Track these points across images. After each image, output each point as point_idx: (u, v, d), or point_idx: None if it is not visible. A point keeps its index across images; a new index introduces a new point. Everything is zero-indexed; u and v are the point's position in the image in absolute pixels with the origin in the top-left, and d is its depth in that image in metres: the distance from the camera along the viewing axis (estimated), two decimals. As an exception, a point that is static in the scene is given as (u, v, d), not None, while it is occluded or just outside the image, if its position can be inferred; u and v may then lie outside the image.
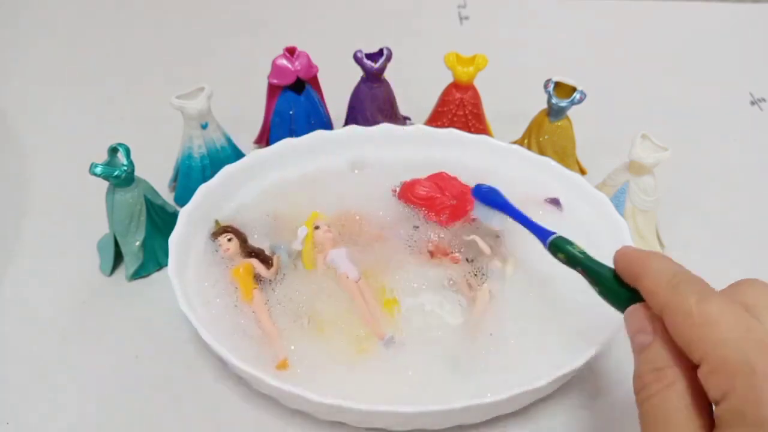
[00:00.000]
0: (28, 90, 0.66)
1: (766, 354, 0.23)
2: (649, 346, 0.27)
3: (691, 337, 0.25)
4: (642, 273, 0.28)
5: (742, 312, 0.25)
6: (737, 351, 0.23)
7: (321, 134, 0.50)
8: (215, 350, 0.36)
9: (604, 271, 0.32)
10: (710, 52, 0.73)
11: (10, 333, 0.43)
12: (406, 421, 0.35)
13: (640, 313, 0.28)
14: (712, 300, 0.25)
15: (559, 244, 0.34)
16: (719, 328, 0.24)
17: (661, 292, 0.27)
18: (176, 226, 0.42)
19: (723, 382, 0.23)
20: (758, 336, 0.24)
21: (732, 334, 0.24)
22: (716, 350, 0.24)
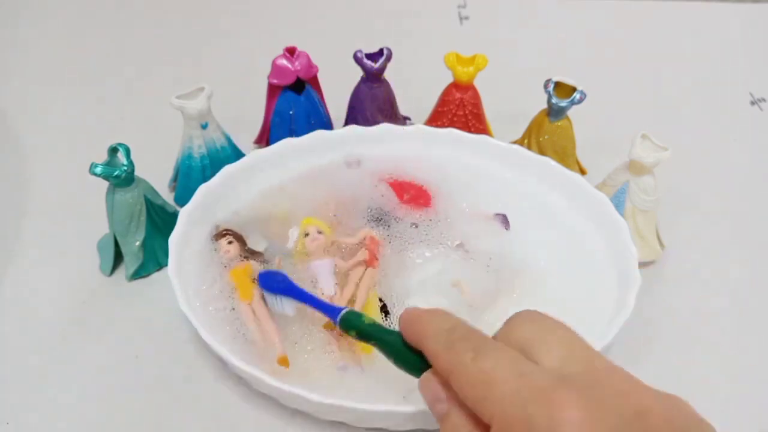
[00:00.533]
0: (28, 90, 0.66)
1: (542, 403, 0.23)
2: (447, 414, 0.26)
3: (476, 399, 0.24)
4: (423, 334, 0.28)
5: (515, 358, 0.25)
6: (516, 407, 0.23)
7: (321, 134, 0.50)
8: (215, 350, 0.36)
9: (393, 338, 0.30)
10: (710, 52, 0.73)
11: (10, 333, 0.43)
12: (406, 421, 0.35)
13: (433, 382, 0.27)
14: (486, 355, 0.25)
15: (350, 319, 0.33)
16: (496, 384, 0.24)
17: (441, 354, 0.27)
18: (176, 226, 0.42)
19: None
20: (532, 383, 0.23)
21: (508, 387, 0.24)
22: (498, 409, 0.23)
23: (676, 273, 0.48)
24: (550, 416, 0.22)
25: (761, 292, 0.47)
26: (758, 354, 0.43)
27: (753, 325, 0.45)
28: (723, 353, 0.43)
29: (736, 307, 0.46)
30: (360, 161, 0.49)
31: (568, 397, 0.22)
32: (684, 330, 0.44)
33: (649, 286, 0.43)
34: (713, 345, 0.43)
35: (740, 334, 0.44)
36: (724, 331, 0.44)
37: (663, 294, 0.46)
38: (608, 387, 0.24)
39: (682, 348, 0.43)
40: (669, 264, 0.48)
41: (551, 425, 0.22)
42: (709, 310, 0.45)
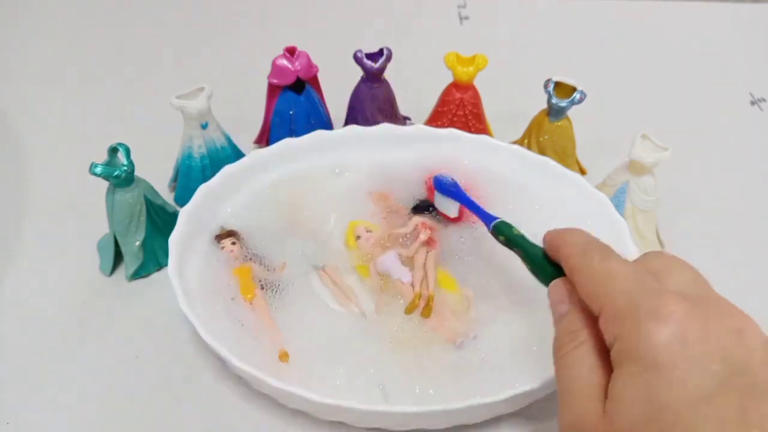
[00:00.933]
0: (28, 90, 0.66)
1: (653, 297, 0.25)
2: (566, 314, 0.29)
3: (592, 291, 0.27)
4: (561, 244, 0.31)
5: (637, 268, 0.27)
6: (628, 297, 0.25)
7: (321, 134, 0.50)
8: (215, 350, 0.36)
9: (536, 250, 0.34)
10: (710, 52, 0.73)
11: (10, 333, 0.43)
12: (406, 421, 0.35)
13: (561, 286, 0.30)
14: (612, 259, 0.28)
15: (501, 228, 0.38)
16: (615, 281, 0.26)
17: (572, 257, 0.30)
18: (176, 226, 0.42)
19: (614, 326, 0.25)
20: (648, 286, 0.26)
21: (625, 284, 0.26)
22: (610, 300, 0.26)
23: (676, 273, 0.48)
24: (655, 307, 0.24)
25: (761, 292, 0.47)
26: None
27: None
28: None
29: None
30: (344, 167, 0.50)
31: (676, 298, 0.24)
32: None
33: (649, 286, 0.43)
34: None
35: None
36: (724, 331, 0.44)
37: (663, 294, 0.46)
38: (717, 306, 0.26)
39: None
40: (669, 264, 0.48)
41: (655, 314, 0.24)
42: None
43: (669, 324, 0.24)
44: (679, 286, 0.26)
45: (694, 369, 0.23)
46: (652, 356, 0.23)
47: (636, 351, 0.24)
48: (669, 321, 0.24)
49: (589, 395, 0.25)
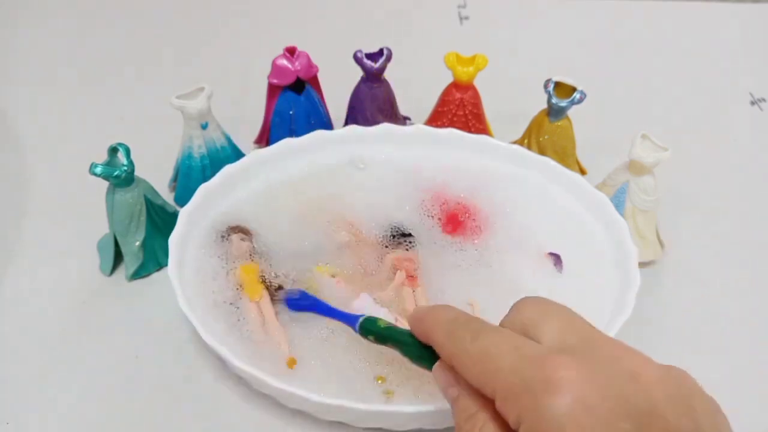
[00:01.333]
0: (28, 90, 0.66)
1: (538, 367, 0.23)
2: (457, 398, 0.27)
3: (478, 377, 0.26)
4: (429, 328, 0.29)
5: (511, 336, 0.26)
6: (514, 374, 0.24)
7: (321, 134, 0.50)
8: (215, 350, 0.36)
9: (407, 338, 0.32)
10: (710, 52, 0.73)
11: (10, 333, 0.43)
12: (406, 421, 0.35)
13: (443, 370, 0.29)
14: (483, 335, 0.26)
15: (367, 326, 0.35)
16: (494, 359, 0.25)
17: (445, 344, 0.28)
18: (176, 226, 0.42)
19: (513, 408, 0.24)
20: (528, 353, 0.25)
21: (506, 360, 0.25)
22: (498, 381, 0.25)
23: (676, 273, 0.48)
24: (546, 378, 0.23)
25: (761, 291, 0.47)
26: (759, 354, 0.43)
27: (753, 324, 0.45)
28: (723, 353, 0.43)
29: (736, 306, 0.46)
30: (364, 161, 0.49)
31: (562, 360, 0.23)
32: (684, 330, 0.44)
33: (649, 286, 0.43)
34: (713, 345, 0.43)
35: (740, 334, 0.44)
36: (724, 331, 0.44)
37: (663, 294, 0.46)
38: (603, 352, 0.25)
39: (682, 348, 0.43)
40: (669, 264, 0.48)
41: (548, 385, 0.23)
42: (709, 310, 0.45)
43: (564, 392, 0.22)
44: (557, 336, 0.26)
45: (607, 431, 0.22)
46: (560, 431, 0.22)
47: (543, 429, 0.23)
48: (563, 389, 0.22)
49: None
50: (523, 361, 0.24)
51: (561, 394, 0.22)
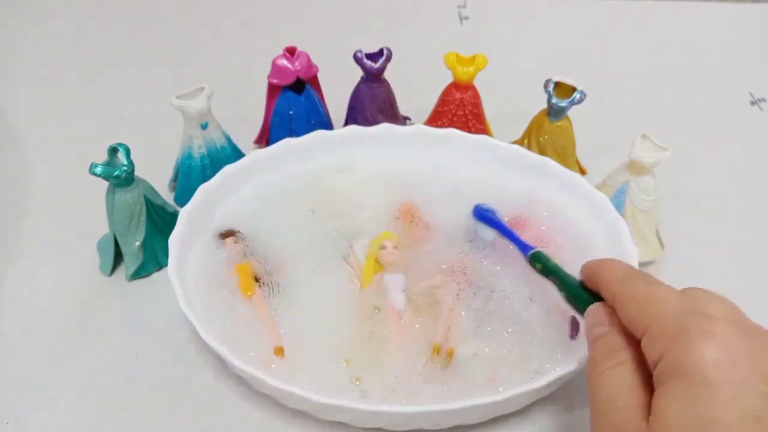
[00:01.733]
0: (28, 90, 0.66)
1: (701, 319, 0.25)
2: (605, 335, 0.29)
3: (637, 314, 0.28)
4: (600, 271, 0.32)
5: (681, 293, 0.28)
6: (674, 318, 0.26)
7: (321, 134, 0.50)
8: (215, 350, 0.36)
9: (571, 279, 0.35)
10: (710, 52, 0.73)
11: (10, 333, 0.43)
12: (406, 421, 0.35)
13: (599, 310, 0.31)
14: (656, 284, 0.29)
15: (538, 257, 0.39)
16: (663, 303, 0.27)
17: (614, 283, 0.30)
18: (176, 226, 0.42)
19: (661, 344, 0.26)
20: (696, 308, 0.26)
21: (673, 306, 0.27)
22: (656, 321, 0.26)
23: (676, 273, 0.48)
24: (705, 329, 0.25)
25: (761, 292, 0.47)
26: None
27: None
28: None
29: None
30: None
31: (724, 323, 0.25)
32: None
33: (649, 286, 0.43)
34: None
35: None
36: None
37: (663, 294, 0.46)
38: (758, 332, 0.26)
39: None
40: (669, 264, 0.48)
41: (705, 334, 0.24)
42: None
43: (719, 343, 0.24)
44: (722, 314, 0.27)
45: (745, 389, 0.23)
46: (701, 372, 0.23)
47: (684, 367, 0.24)
48: (718, 340, 0.24)
49: (629, 413, 0.25)
50: (689, 311, 0.26)
51: (715, 342, 0.24)
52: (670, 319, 0.26)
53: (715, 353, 0.24)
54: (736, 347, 0.24)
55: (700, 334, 0.24)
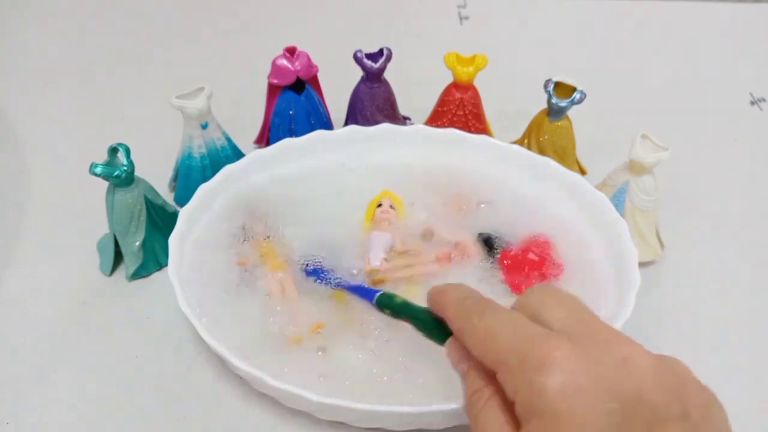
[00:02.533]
0: (28, 90, 0.66)
1: (534, 346, 0.25)
2: (467, 372, 0.29)
3: (483, 352, 0.27)
4: (444, 304, 0.31)
5: (514, 316, 0.27)
6: (512, 351, 0.25)
7: (321, 134, 0.50)
8: (215, 350, 0.36)
9: (423, 315, 0.33)
10: (710, 52, 0.73)
11: (10, 333, 0.43)
12: (406, 421, 0.35)
13: (455, 345, 0.30)
14: (489, 313, 0.28)
15: (383, 301, 0.36)
16: (497, 338, 0.27)
17: (455, 320, 0.30)
18: (176, 226, 0.42)
19: (510, 382, 0.25)
20: (526, 333, 0.26)
21: (507, 337, 0.26)
22: (500, 357, 0.26)
23: (676, 273, 0.48)
24: (540, 357, 0.24)
25: (761, 292, 0.47)
26: (758, 354, 0.43)
27: (753, 324, 0.45)
28: (723, 353, 0.43)
29: (736, 306, 0.46)
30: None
31: (557, 342, 0.25)
32: (684, 330, 0.44)
33: (649, 286, 0.43)
34: (713, 345, 0.43)
35: (740, 334, 0.44)
36: (724, 330, 0.44)
37: (663, 294, 0.46)
38: (599, 338, 0.26)
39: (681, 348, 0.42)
40: (669, 264, 0.48)
41: (541, 364, 0.24)
42: (709, 310, 0.45)
43: (556, 371, 0.24)
44: (559, 322, 0.27)
45: (593, 411, 0.23)
46: (550, 407, 0.23)
47: (534, 405, 0.24)
48: (555, 368, 0.24)
49: None
50: (522, 340, 0.26)
51: (552, 372, 0.24)
52: (509, 355, 0.25)
53: (555, 384, 0.23)
54: (574, 369, 0.24)
55: (536, 366, 0.24)
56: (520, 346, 0.25)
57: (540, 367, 0.24)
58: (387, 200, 0.46)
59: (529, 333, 0.26)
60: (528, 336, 0.26)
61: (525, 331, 0.26)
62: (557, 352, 0.24)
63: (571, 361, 0.24)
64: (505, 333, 0.26)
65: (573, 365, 0.24)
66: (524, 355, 0.25)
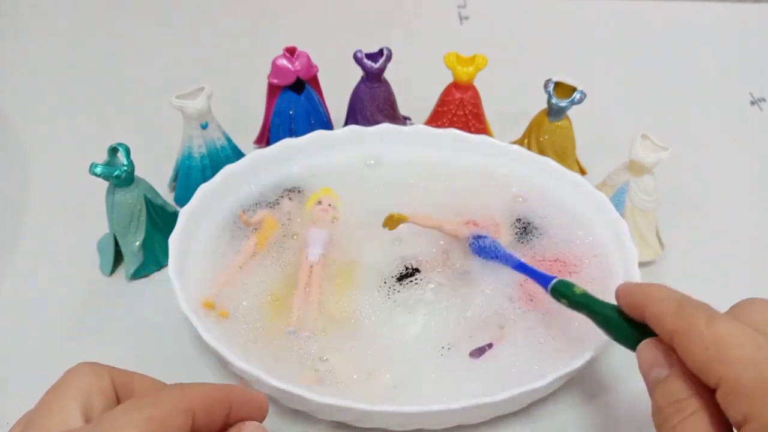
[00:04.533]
0: (28, 90, 0.66)
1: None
2: (665, 379, 0.26)
3: (705, 360, 0.25)
4: (645, 302, 0.28)
5: (751, 331, 0.25)
6: (752, 370, 0.23)
7: (321, 134, 0.50)
8: (215, 350, 0.36)
9: (607, 310, 0.31)
10: (710, 52, 0.73)
11: (10, 333, 0.43)
12: (406, 421, 0.35)
13: (653, 347, 0.28)
14: (720, 321, 0.25)
15: (561, 289, 0.34)
16: (732, 348, 0.24)
17: (668, 318, 0.27)
18: (176, 226, 0.42)
19: (742, 404, 0.23)
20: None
21: (745, 352, 0.24)
22: (731, 371, 0.24)
23: (676, 273, 0.48)
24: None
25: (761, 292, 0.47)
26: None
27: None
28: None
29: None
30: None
31: None
32: (684, 330, 0.44)
33: (649, 286, 0.43)
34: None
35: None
36: (724, 331, 0.44)
37: (663, 294, 0.46)
38: None
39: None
40: (669, 264, 0.48)
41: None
42: (709, 310, 0.45)
43: None
44: None
45: None
46: None
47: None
48: None
49: None
50: (764, 359, 0.23)
51: None
52: (745, 372, 0.23)
53: None
54: None
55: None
56: (763, 366, 0.23)
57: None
58: (327, 198, 0.46)
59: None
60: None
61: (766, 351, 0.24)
62: None
63: None
64: (743, 345, 0.24)
65: None
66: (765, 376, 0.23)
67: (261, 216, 0.45)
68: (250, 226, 0.45)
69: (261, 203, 0.46)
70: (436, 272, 0.42)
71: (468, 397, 0.33)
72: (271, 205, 0.46)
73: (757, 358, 0.23)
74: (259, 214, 0.45)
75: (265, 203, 0.46)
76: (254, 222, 0.45)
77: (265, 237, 0.44)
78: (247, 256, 0.43)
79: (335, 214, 0.46)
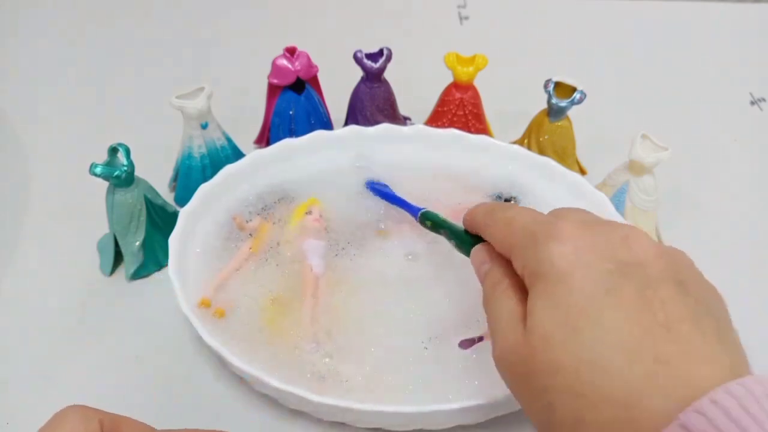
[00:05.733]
0: (28, 90, 0.66)
1: (548, 225, 0.28)
2: (489, 269, 0.32)
3: (501, 238, 0.31)
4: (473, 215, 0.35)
5: (533, 210, 0.31)
6: (526, 231, 0.29)
7: (321, 134, 0.50)
8: (215, 350, 0.36)
9: (457, 228, 0.38)
10: (710, 52, 0.73)
11: (10, 333, 0.43)
12: (406, 421, 0.35)
13: (481, 249, 0.33)
14: (512, 208, 0.32)
15: (427, 215, 0.41)
16: (515, 222, 0.30)
17: (481, 217, 0.34)
18: (176, 226, 0.42)
19: (521, 258, 0.28)
20: (544, 219, 0.29)
21: (524, 222, 0.30)
22: (514, 238, 0.29)
23: (676, 273, 0.48)
24: (549, 231, 0.27)
25: (761, 292, 0.47)
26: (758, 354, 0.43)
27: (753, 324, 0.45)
28: (723, 353, 0.43)
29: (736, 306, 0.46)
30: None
31: (566, 222, 0.28)
32: (684, 330, 0.44)
33: (649, 286, 0.43)
34: (713, 345, 0.43)
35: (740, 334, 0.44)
36: (724, 331, 0.44)
37: (663, 294, 0.46)
38: (604, 224, 0.28)
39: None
40: (669, 264, 0.48)
41: (549, 236, 0.27)
42: (709, 310, 0.45)
43: (563, 240, 0.27)
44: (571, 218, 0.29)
45: (590, 270, 0.25)
46: (554, 269, 0.26)
47: (541, 270, 0.27)
48: (562, 238, 0.27)
49: (512, 324, 0.28)
50: (536, 223, 0.29)
51: (559, 241, 0.27)
52: (523, 233, 0.29)
53: (560, 249, 0.26)
54: (579, 239, 0.27)
55: (546, 238, 0.27)
56: (534, 227, 0.28)
57: (549, 238, 0.27)
58: (317, 208, 0.46)
59: (544, 219, 0.29)
60: (543, 220, 0.29)
61: (541, 218, 0.30)
62: (566, 228, 0.27)
63: (575, 233, 0.27)
64: (522, 219, 0.30)
65: (579, 237, 0.27)
66: (537, 232, 0.28)
67: (256, 223, 0.45)
68: (245, 231, 0.44)
69: (257, 207, 0.46)
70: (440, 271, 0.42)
71: (468, 397, 0.34)
72: (266, 210, 0.46)
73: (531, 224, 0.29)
74: (255, 221, 0.45)
75: (261, 207, 0.46)
76: (249, 228, 0.45)
77: (261, 241, 0.44)
78: (244, 259, 0.43)
79: (326, 224, 0.45)
